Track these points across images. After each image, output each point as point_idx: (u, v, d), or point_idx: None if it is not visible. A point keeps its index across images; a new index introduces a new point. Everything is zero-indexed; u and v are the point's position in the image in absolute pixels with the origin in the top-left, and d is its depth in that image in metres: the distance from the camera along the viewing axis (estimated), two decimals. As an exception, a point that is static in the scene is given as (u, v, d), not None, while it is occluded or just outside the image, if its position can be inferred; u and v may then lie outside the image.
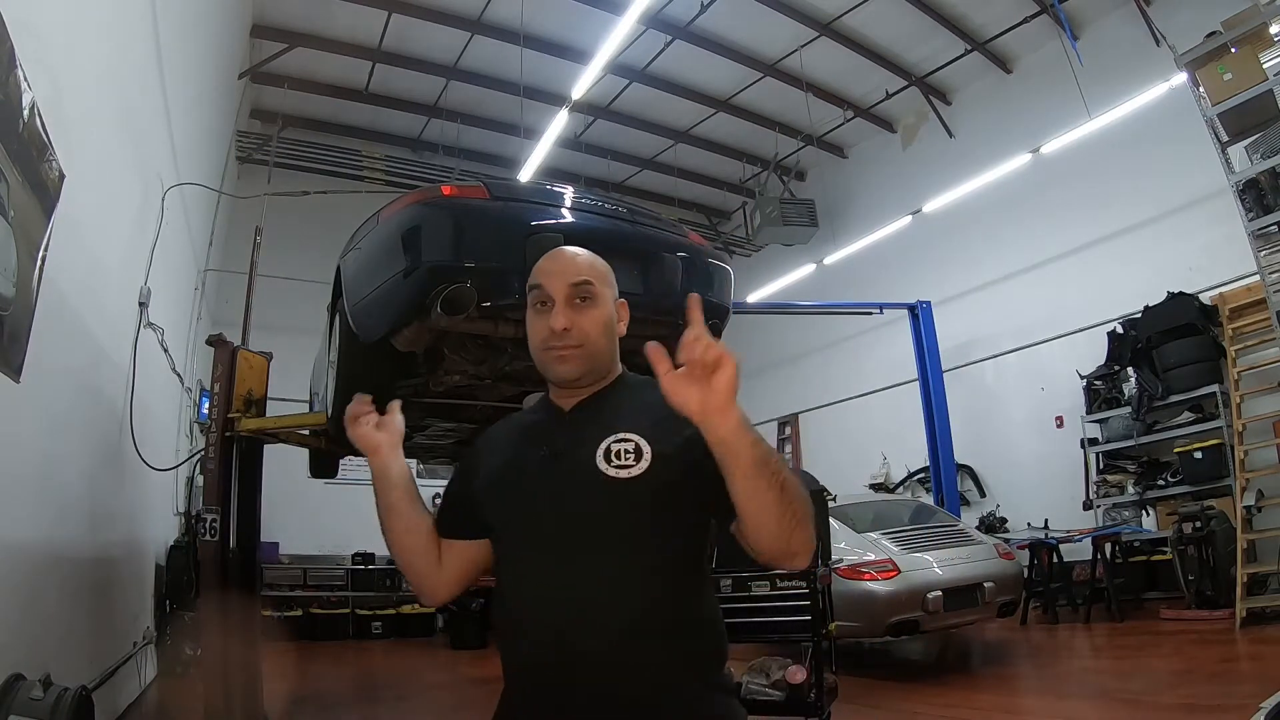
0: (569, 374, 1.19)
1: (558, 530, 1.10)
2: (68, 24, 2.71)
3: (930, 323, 8.69)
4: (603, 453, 1.11)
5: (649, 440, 1.11)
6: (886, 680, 4.77)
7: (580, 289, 1.19)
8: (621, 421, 1.15)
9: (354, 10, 7.96)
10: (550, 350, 1.19)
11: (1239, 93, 5.28)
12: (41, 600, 2.69)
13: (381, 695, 5.53)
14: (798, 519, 0.99)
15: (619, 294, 1.28)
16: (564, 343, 1.18)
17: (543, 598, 1.09)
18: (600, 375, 1.23)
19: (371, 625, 8.87)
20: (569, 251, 1.26)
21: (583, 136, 10.36)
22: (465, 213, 2.71)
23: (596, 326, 1.20)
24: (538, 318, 1.21)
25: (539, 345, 1.21)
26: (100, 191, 3.30)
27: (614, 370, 1.27)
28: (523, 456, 1.20)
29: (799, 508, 0.99)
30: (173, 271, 5.39)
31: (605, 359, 1.23)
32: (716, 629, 1.16)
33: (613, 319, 1.24)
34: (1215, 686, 3.86)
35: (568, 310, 1.18)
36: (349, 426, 1.27)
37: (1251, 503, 5.53)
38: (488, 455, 1.29)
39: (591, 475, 1.10)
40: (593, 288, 1.20)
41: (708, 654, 1.13)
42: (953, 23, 8.52)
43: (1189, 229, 7.06)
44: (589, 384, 1.23)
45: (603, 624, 1.05)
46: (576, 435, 1.16)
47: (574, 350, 1.18)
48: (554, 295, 1.19)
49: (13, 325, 2.25)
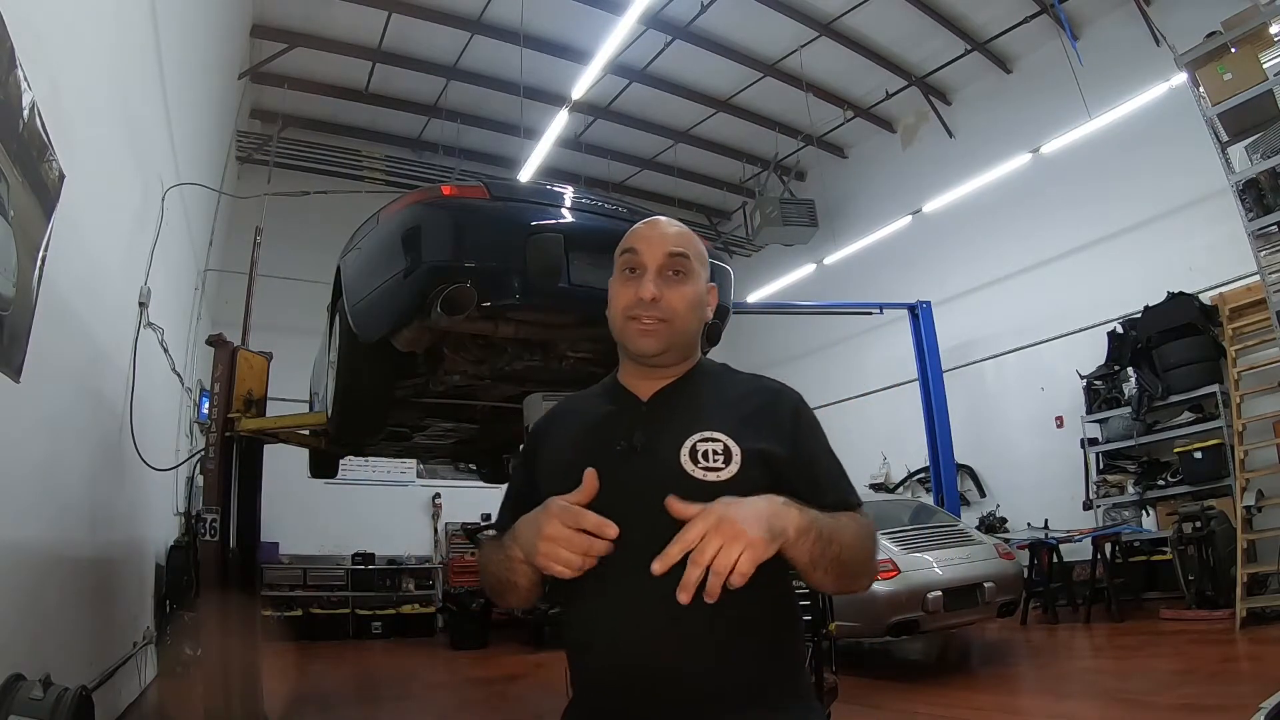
0: (649, 349, 1.12)
1: (638, 535, 0.98)
2: (68, 24, 2.71)
3: (930, 323, 8.69)
4: (688, 452, 1.03)
5: (737, 439, 1.04)
6: (886, 680, 4.77)
7: (675, 261, 1.13)
8: (706, 417, 1.07)
9: (354, 10, 7.96)
10: (634, 320, 1.12)
11: (1239, 93, 5.27)
12: (42, 600, 2.69)
13: (381, 695, 5.53)
14: (856, 576, 1.01)
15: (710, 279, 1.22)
16: (650, 313, 1.11)
17: (623, 608, 1.00)
18: (681, 358, 1.16)
19: (371, 625, 8.86)
20: (667, 221, 1.19)
21: (583, 136, 10.36)
22: (465, 213, 2.71)
23: (686, 303, 1.13)
24: (625, 284, 1.14)
25: (621, 311, 1.13)
26: (100, 191, 3.30)
27: (695, 355, 1.20)
28: (594, 449, 1.09)
29: (857, 569, 1.00)
30: (173, 271, 5.39)
31: (689, 340, 1.16)
32: (798, 639, 1.13)
33: (703, 299, 1.17)
34: (1215, 686, 3.86)
35: (659, 280, 1.11)
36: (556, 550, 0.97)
37: (1251, 503, 5.53)
38: (550, 445, 1.18)
39: (675, 476, 1.02)
40: (688, 262, 1.14)
41: (792, 668, 1.08)
42: (953, 23, 8.51)
43: (1189, 229, 7.06)
44: (668, 365, 1.15)
45: (683, 637, 0.97)
46: (656, 429, 1.08)
47: (659, 325, 1.11)
48: (647, 263, 1.12)
49: (13, 325, 2.25)
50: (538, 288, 2.63)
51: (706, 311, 1.18)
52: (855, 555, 0.98)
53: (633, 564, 0.97)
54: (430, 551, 10.12)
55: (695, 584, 0.86)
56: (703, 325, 1.18)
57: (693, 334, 1.16)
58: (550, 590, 1.08)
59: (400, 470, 9.81)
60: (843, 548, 0.96)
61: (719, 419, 1.07)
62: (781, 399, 1.14)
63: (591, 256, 2.70)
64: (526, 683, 6.06)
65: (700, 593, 0.92)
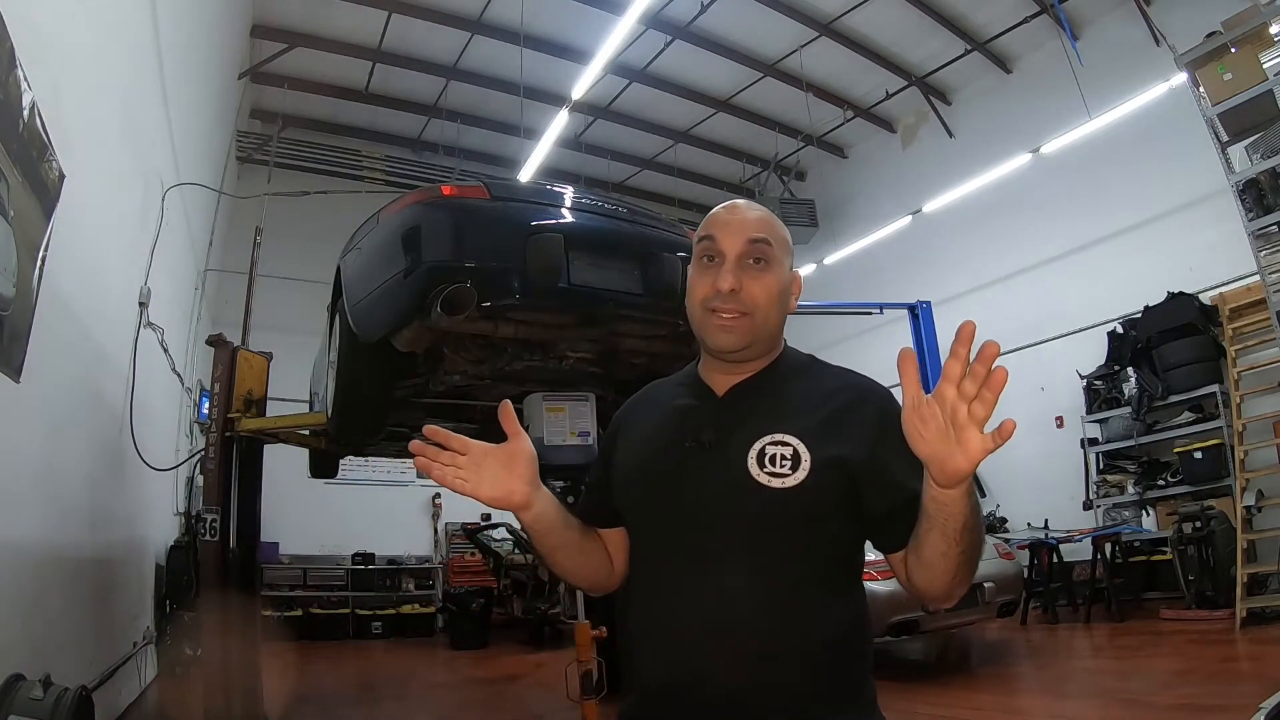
0: (728, 344, 1.05)
1: (698, 536, 0.98)
2: (68, 24, 2.71)
3: (930, 323, 8.67)
4: (755, 454, 0.99)
5: (809, 444, 0.99)
6: (886, 680, 4.71)
7: (757, 248, 1.05)
8: (780, 417, 1.02)
9: (354, 10, 7.96)
10: (713, 313, 1.05)
11: (1239, 93, 5.27)
12: (42, 600, 2.69)
13: (381, 695, 5.52)
14: (968, 575, 0.92)
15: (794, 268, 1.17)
16: (729, 305, 1.04)
17: (676, 610, 0.99)
18: (762, 352, 1.10)
19: (371, 625, 8.86)
20: (748, 204, 1.12)
21: (583, 136, 10.36)
22: (465, 213, 2.72)
23: (768, 294, 1.05)
24: (703, 273, 1.07)
25: (700, 303, 1.07)
26: (100, 191, 3.30)
27: (777, 348, 1.13)
28: (666, 442, 1.06)
29: (975, 566, 0.92)
30: (173, 271, 5.39)
31: (771, 333, 1.09)
32: (863, 649, 1.05)
33: (786, 290, 1.09)
34: (1215, 686, 3.86)
35: (738, 270, 1.04)
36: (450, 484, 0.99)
37: (1251, 503, 5.53)
38: (627, 436, 1.16)
39: (740, 478, 0.98)
40: (770, 249, 1.06)
41: (853, 679, 1.02)
42: (953, 23, 8.51)
43: (1189, 229, 7.05)
44: (749, 360, 1.09)
45: (736, 646, 0.95)
46: (728, 428, 1.03)
47: (740, 319, 1.04)
48: (726, 250, 1.05)
49: (13, 325, 2.25)
50: (538, 288, 2.63)
51: (790, 302, 1.11)
52: (979, 551, 0.91)
53: (686, 564, 0.98)
54: (430, 551, 10.13)
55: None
56: (785, 317, 1.11)
57: (775, 327, 1.09)
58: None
59: (400, 470, 9.78)
60: (980, 537, 0.91)
61: (794, 420, 1.01)
62: (868, 400, 1.06)
63: (591, 256, 2.70)
64: (526, 683, 6.06)
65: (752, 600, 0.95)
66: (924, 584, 0.95)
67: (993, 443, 0.81)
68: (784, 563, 0.98)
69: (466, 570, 9.62)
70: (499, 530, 8.88)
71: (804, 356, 1.17)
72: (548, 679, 5.43)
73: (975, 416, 0.81)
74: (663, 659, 0.99)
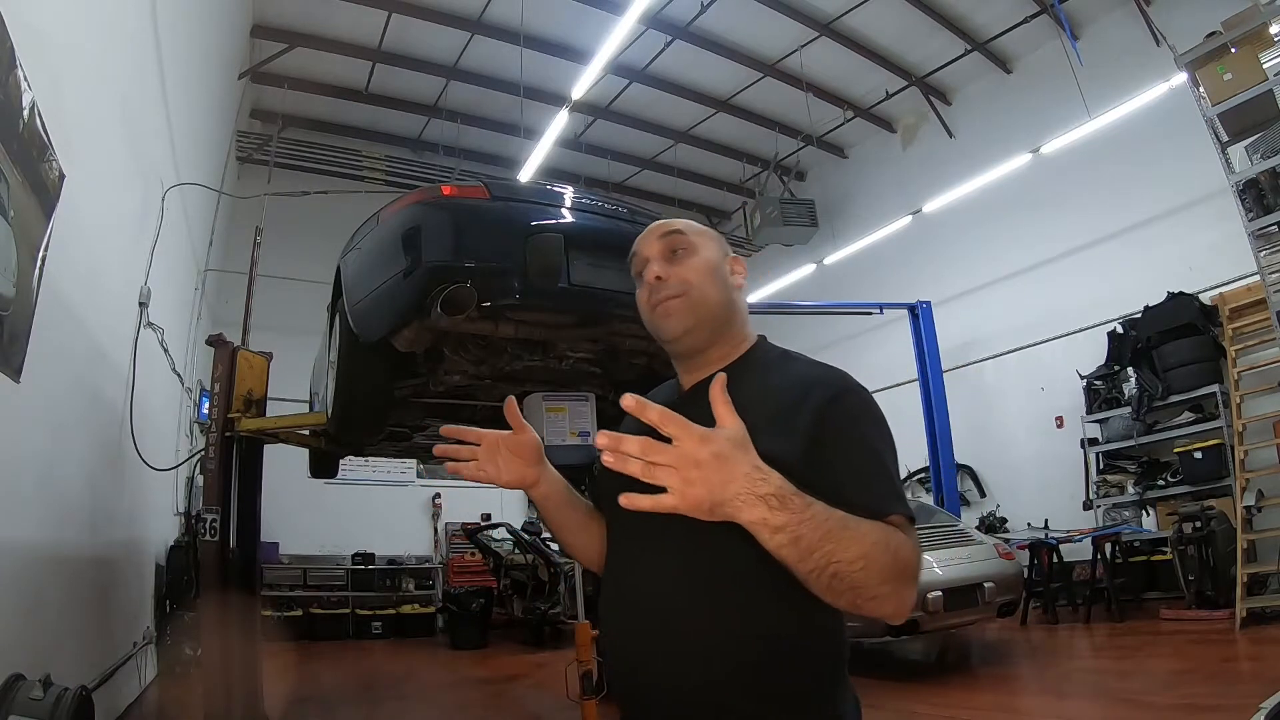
0: (675, 328, 1.10)
1: (647, 528, 0.98)
2: (68, 24, 2.71)
3: (930, 323, 8.68)
4: None
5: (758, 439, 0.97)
6: (886, 680, 4.76)
7: (670, 240, 1.14)
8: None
9: (354, 10, 7.96)
10: (654, 308, 1.12)
11: (1239, 93, 5.27)
12: (42, 600, 2.69)
13: (381, 695, 5.52)
14: (861, 598, 0.86)
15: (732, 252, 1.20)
16: (663, 293, 1.10)
17: (626, 594, 1.06)
18: (716, 332, 1.12)
19: (371, 625, 8.86)
20: (662, 220, 1.22)
21: (583, 136, 10.36)
22: (465, 213, 2.71)
23: (696, 272, 1.11)
24: (641, 287, 1.15)
25: (645, 308, 1.14)
26: (100, 191, 3.30)
27: (736, 338, 1.15)
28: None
29: (863, 590, 0.85)
30: (173, 271, 5.39)
31: (714, 313, 1.11)
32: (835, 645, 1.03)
33: (721, 268, 1.14)
34: (1215, 686, 3.86)
35: (663, 263, 1.12)
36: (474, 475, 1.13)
37: (1251, 503, 5.52)
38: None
39: None
40: (685, 238, 1.14)
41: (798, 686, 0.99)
42: (953, 23, 8.52)
43: (1189, 229, 7.05)
44: (704, 349, 1.13)
45: (668, 629, 1.00)
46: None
47: (676, 300, 1.10)
48: (648, 255, 1.14)
49: (13, 325, 2.25)
50: (538, 288, 2.63)
51: (733, 279, 1.15)
52: (863, 570, 0.84)
53: (641, 554, 1.05)
54: (430, 551, 10.13)
55: (616, 461, 0.83)
56: (732, 294, 1.14)
57: (718, 304, 1.11)
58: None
59: (400, 470, 9.81)
60: (839, 557, 0.83)
61: (746, 415, 0.96)
62: (814, 390, 1.04)
63: (591, 256, 2.70)
64: (526, 683, 6.07)
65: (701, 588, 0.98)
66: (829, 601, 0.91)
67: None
68: (721, 558, 0.97)
69: (466, 570, 9.62)
70: (499, 530, 8.89)
71: (776, 351, 1.18)
72: (548, 679, 5.44)
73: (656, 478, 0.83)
74: (613, 635, 1.09)
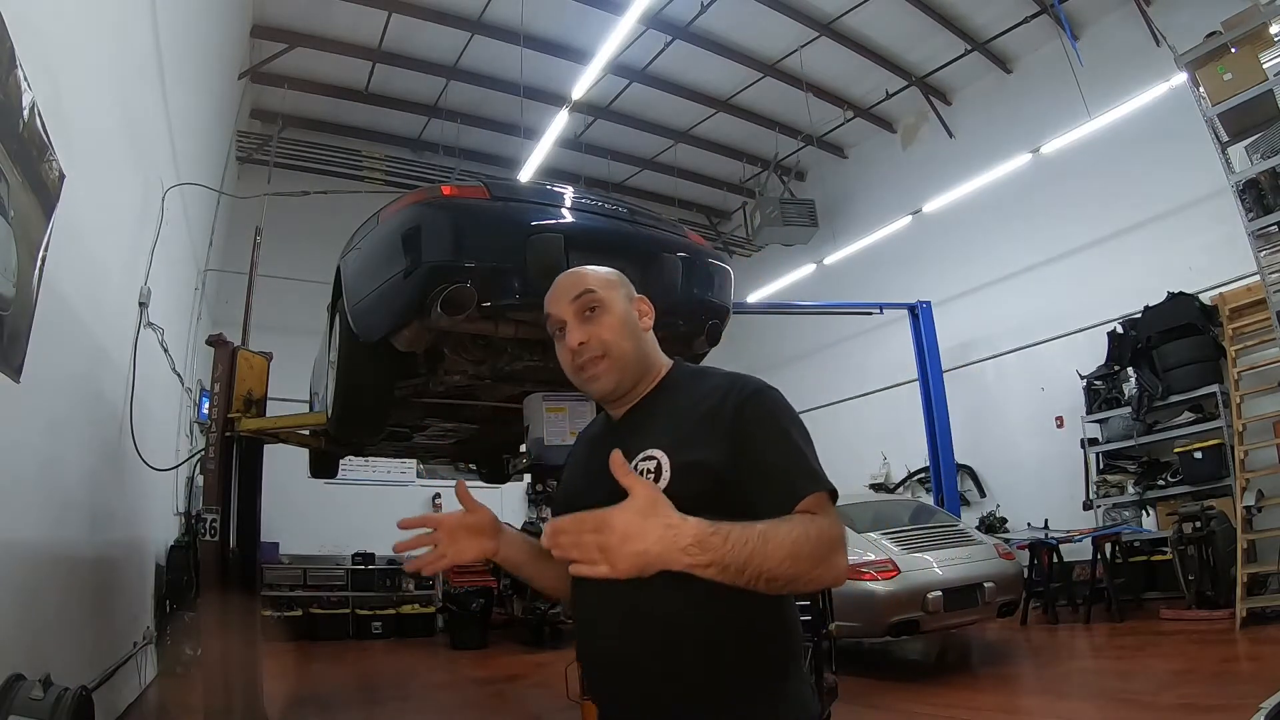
0: (604, 389, 1.19)
1: None
2: (68, 24, 2.71)
3: (930, 323, 8.69)
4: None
5: (672, 454, 1.09)
6: (886, 680, 4.77)
7: (583, 300, 1.19)
8: (653, 434, 1.13)
9: (354, 10, 7.96)
10: (580, 371, 1.19)
11: (1239, 93, 5.27)
12: (42, 600, 2.69)
13: (381, 695, 5.53)
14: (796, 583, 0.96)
15: (635, 292, 1.26)
16: (586, 356, 1.17)
17: (591, 609, 1.14)
18: (637, 379, 1.21)
19: (371, 625, 8.86)
20: (567, 272, 1.26)
21: (583, 136, 10.36)
22: (465, 213, 2.71)
23: (612, 331, 1.18)
24: (560, 346, 1.22)
25: (570, 370, 1.21)
26: (100, 191, 3.30)
27: (654, 370, 1.23)
28: (583, 471, 1.24)
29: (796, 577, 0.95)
30: (173, 271, 5.39)
31: (635, 362, 1.20)
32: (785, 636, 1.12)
33: (630, 319, 1.21)
34: (1215, 686, 3.86)
35: (580, 326, 1.18)
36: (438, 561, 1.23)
37: (1251, 503, 5.53)
38: (570, 462, 1.34)
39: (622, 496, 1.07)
40: (596, 295, 1.19)
41: (771, 665, 1.09)
42: (953, 23, 8.51)
43: (1189, 229, 7.05)
44: (629, 389, 1.21)
45: (641, 638, 1.07)
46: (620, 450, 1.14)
47: (599, 361, 1.17)
48: (563, 316, 1.19)
49: (13, 325, 2.25)
50: (538, 288, 2.62)
51: (643, 322, 1.23)
52: (790, 568, 0.94)
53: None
54: (430, 551, 10.11)
55: (559, 553, 0.91)
56: (645, 338, 1.22)
57: (636, 355, 1.20)
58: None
59: (400, 470, 9.80)
60: (768, 567, 0.93)
61: (664, 434, 1.12)
62: (727, 398, 1.13)
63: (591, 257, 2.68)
64: (526, 683, 6.07)
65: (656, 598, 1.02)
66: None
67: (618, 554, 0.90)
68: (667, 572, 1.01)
69: (466, 570, 9.59)
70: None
71: (691, 369, 1.27)
72: (548, 679, 5.44)
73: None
74: (588, 644, 1.17)
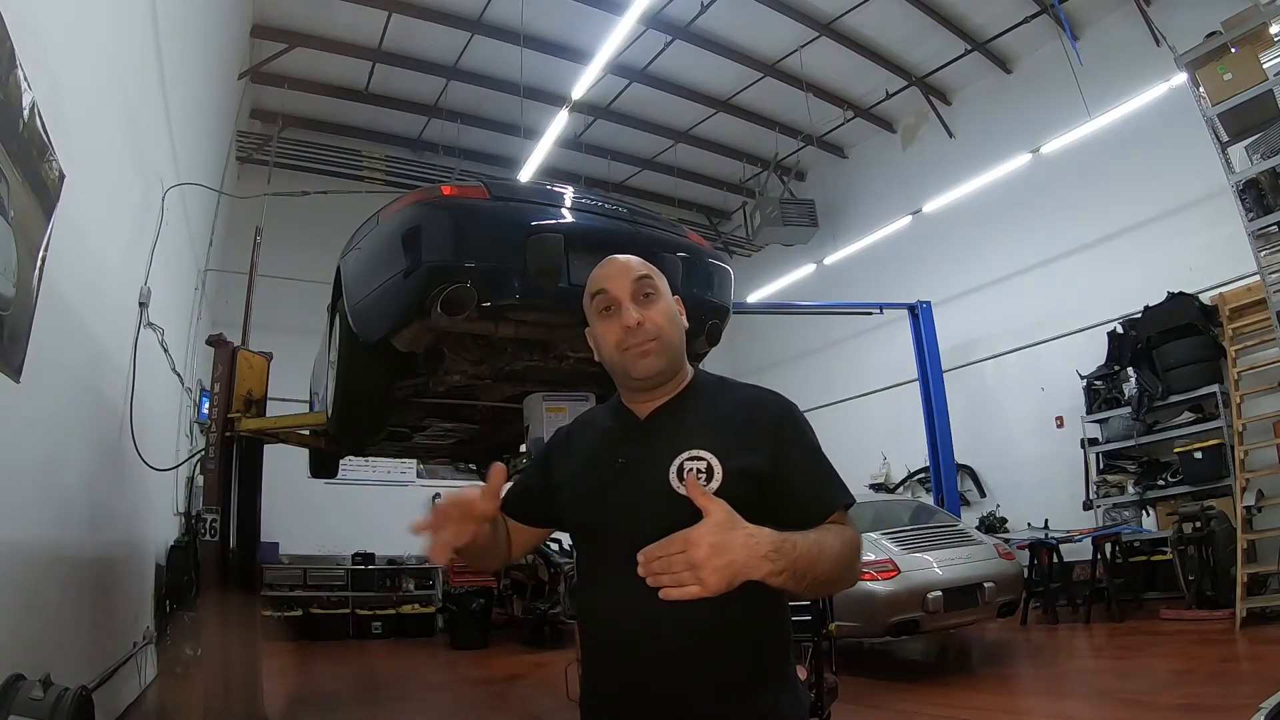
0: (652, 368, 1.19)
1: (629, 545, 1.05)
2: (68, 24, 2.71)
3: (930, 323, 8.69)
4: (675, 470, 1.11)
5: (722, 457, 1.11)
6: (886, 680, 4.77)
7: (643, 284, 1.21)
8: (696, 434, 1.14)
9: (354, 10, 7.96)
10: (629, 349, 1.19)
11: (1239, 93, 5.28)
12: (41, 600, 2.69)
13: (381, 695, 5.52)
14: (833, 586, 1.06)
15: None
16: (641, 337, 1.18)
17: (612, 608, 1.13)
18: (675, 371, 1.23)
19: (371, 625, 8.86)
20: (622, 256, 1.28)
21: (583, 136, 10.36)
22: (465, 213, 2.71)
23: (666, 316, 1.21)
24: (607, 322, 1.22)
25: (615, 346, 1.21)
26: (100, 191, 3.30)
27: (684, 370, 1.26)
28: (597, 463, 1.22)
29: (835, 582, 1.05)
30: (173, 271, 5.39)
31: (679, 352, 1.23)
32: (785, 636, 1.19)
33: (676, 312, 1.25)
34: (1215, 686, 3.86)
35: (636, 306, 1.19)
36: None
37: (1251, 503, 5.53)
38: (565, 454, 1.31)
39: (663, 492, 1.10)
40: (653, 281, 1.23)
41: (775, 661, 1.15)
42: (953, 23, 8.52)
43: (1189, 229, 7.05)
44: (665, 383, 1.23)
45: (668, 638, 1.07)
46: (651, 447, 1.16)
47: (652, 343, 1.18)
48: (619, 296, 1.20)
49: (13, 325, 2.25)
50: (538, 288, 2.63)
51: (682, 320, 1.26)
52: (834, 574, 1.03)
53: (620, 568, 1.07)
54: (430, 551, 10.10)
55: (654, 579, 0.93)
56: (683, 335, 1.25)
57: (679, 345, 1.23)
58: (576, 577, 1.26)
59: (400, 470, 9.80)
60: (820, 573, 1.00)
61: (707, 436, 1.14)
62: (764, 411, 1.18)
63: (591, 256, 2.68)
64: (526, 683, 6.07)
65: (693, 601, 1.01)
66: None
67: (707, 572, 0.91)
68: None
69: (466, 570, 9.60)
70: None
71: (713, 378, 1.29)
72: (548, 679, 5.44)
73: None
74: (603, 645, 1.17)
